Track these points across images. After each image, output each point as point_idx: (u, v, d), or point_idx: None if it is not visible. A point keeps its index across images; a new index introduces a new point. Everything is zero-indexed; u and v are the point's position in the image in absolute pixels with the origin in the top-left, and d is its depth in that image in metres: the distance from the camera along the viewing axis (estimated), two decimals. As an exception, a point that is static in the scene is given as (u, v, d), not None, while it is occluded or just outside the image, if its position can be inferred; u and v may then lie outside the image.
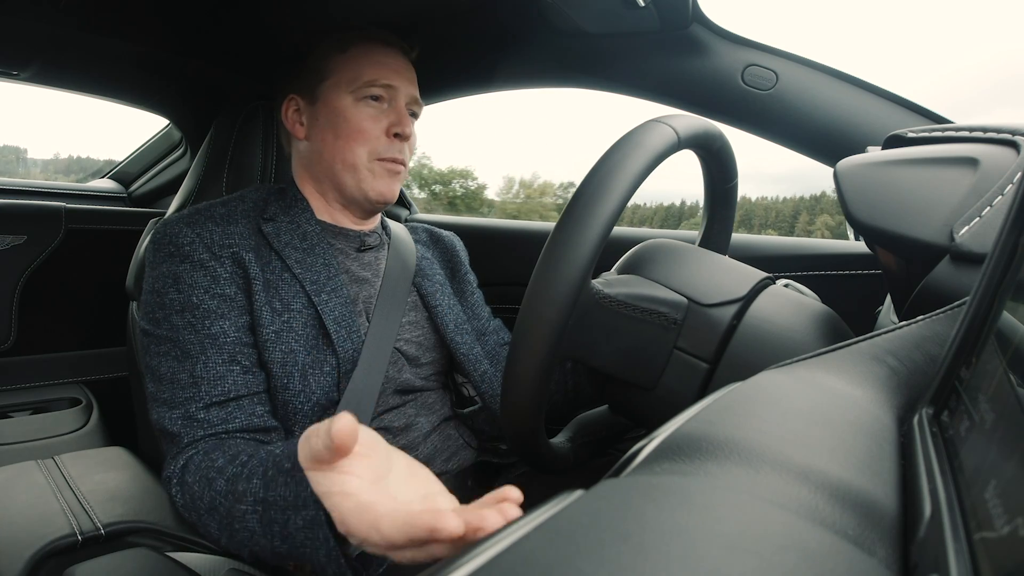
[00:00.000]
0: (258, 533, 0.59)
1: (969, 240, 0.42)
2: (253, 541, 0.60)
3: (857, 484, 0.20)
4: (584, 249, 0.48)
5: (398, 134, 0.83)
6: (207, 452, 0.67)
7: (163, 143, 1.62)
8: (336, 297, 0.78)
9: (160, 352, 0.72)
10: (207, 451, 0.67)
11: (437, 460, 0.84)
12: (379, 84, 0.82)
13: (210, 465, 0.65)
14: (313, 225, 0.83)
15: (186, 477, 0.67)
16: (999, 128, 0.51)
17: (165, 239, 0.75)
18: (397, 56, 0.86)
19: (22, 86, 1.29)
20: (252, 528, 0.60)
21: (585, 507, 0.17)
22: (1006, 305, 0.22)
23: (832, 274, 1.05)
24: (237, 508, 0.60)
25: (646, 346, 0.58)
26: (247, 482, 0.61)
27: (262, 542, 0.59)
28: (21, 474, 0.75)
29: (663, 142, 0.53)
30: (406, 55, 0.88)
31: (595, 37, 1.03)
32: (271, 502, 0.58)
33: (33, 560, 0.59)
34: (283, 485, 0.58)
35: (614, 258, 0.67)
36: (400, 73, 0.85)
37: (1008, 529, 0.14)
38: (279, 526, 0.57)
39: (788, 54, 0.97)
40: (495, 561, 0.15)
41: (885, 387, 0.29)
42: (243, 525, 0.60)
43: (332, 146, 0.83)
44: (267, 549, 0.60)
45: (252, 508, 0.59)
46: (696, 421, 0.24)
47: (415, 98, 0.87)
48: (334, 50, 0.84)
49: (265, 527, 0.59)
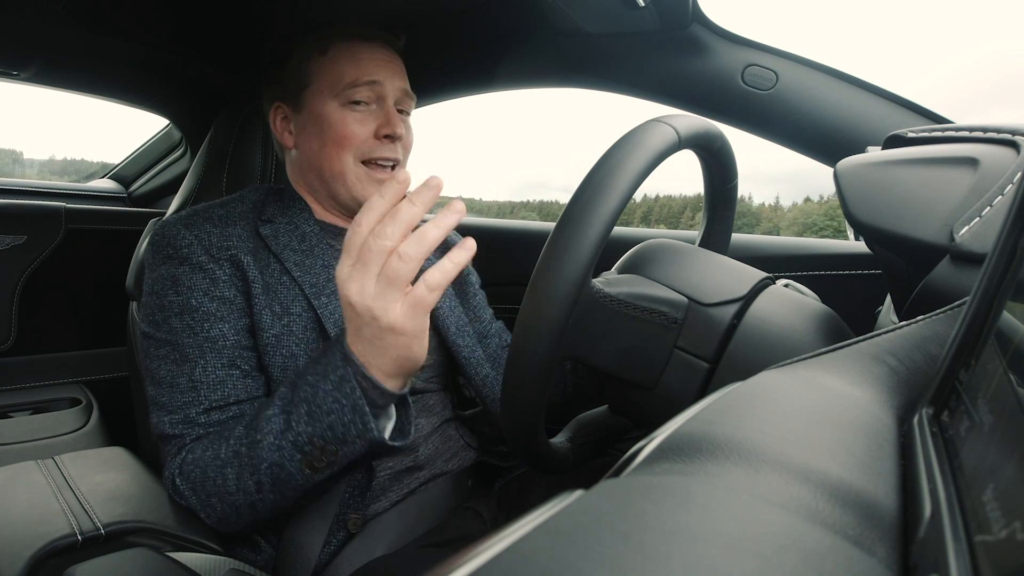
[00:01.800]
0: (281, 431, 0.62)
1: (969, 240, 0.42)
2: (273, 447, 0.62)
3: (857, 484, 0.20)
4: (585, 248, 0.48)
5: (388, 135, 0.79)
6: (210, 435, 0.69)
7: (163, 143, 1.62)
8: (336, 299, 0.77)
9: (160, 355, 0.72)
10: (210, 435, 0.69)
11: (437, 461, 0.84)
12: (363, 83, 0.79)
13: (220, 432, 0.68)
14: (312, 226, 0.82)
15: (188, 457, 0.68)
16: (999, 128, 0.51)
17: (163, 241, 0.75)
18: (380, 49, 0.82)
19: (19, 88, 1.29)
20: (276, 429, 0.62)
21: (585, 507, 0.17)
22: (1006, 305, 0.22)
23: (832, 274, 1.05)
24: (262, 421, 0.63)
25: (646, 345, 0.58)
26: (271, 401, 0.65)
27: (283, 442, 0.62)
28: (21, 474, 0.75)
29: (663, 142, 0.53)
30: (391, 46, 0.84)
31: (595, 37, 1.03)
32: (299, 386, 0.62)
33: (33, 560, 0.59)
34: (313, 365, 0.63)
35: (614, 257, 0.67)
36: (384, 66, 0.81)
37: (1008, 530, 0.14)
38: (306, 405, 0.61)
39: (788, 54, 0.97)
40: (495, 561, 0.15)
41: (885, 387, 0.29)
42: (266, 434, 0.62)
43: (319, 154, 0.80)
44: (287, 447, 0.62)
45: (279, 410, 0.63)
46: (696, 421, 0.24)
47: (405, 91, 0.83)
48: (314, 53, 0.81)
49: (289, 418, 0.62)
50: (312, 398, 0.61)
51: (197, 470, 0.67)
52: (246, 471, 0.64)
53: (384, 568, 0.70)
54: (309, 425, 0.61)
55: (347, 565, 0.72)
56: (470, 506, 0.84)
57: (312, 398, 0.61)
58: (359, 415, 0.60)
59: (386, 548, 0.74)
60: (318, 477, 0.63)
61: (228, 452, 0.65)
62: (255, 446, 0.63)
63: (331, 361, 0.61)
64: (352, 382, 0.59)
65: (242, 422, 0.67)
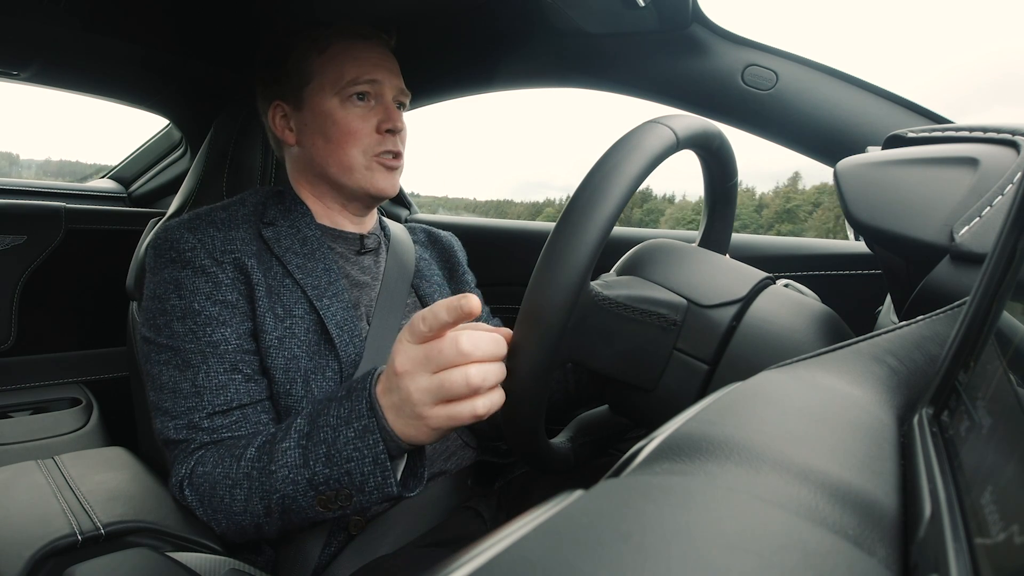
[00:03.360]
0: (297, 465, 0.61)
1: (969, 240, 0.42)
2: (288, 480, 0.61)
3: (857, 484, 0.20)
4: (583, 251, 0.48)
5: (389, 129, 0.82)
6: (220, 447, 0.68)
7: (163, 143, 1.62)
8: (338, 302, 0.78)
9: (161, 361, 0.72)
10: (220, 448, 0.68)
11: (437, 460, 0.84)
12: (363, 81, 0.81)
13: (234, 445, 0.67)
14: (313, 230, 0.83)
15: (199, 469, 0.67)
16: (999, 128, 0.51)
17: (166, 244, 0.75)
18: (377, 48, 0.85)
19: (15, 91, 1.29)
20: (292, 463, 0.61)
21: (585, 507, 0.17)
22: (1006, 305, 0.22)
23: (832, 274, 1.05)
24: (277, 452, 0.62)
25: (646, 347, 0.58)
26: (286, 430, 0.63)
27: (298, 477, 0.61)
28: (21, 474, 0.75)
29: (662, 143, 0.53)
30: (385, 46, 0.87)
31: (595, 37, 1.03)
32: (320, 426, 0.61)
33: (33, 560, 0.59)
34: (336, 406, 0.61)
35: (613, 259, 0.67)
36: (383, 66, 0.83)
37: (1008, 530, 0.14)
38: (325, 447, 0.60)
39: (788, 54, 0.97)
40: (495, 561, 0.15)
41: (885, 387, 0.29)
42: (280, 466, 0.61)
43: (324, 150, 0.82)
44: (302, 483, 0.61)
45: (295, 444, 0.62)
46: (696, 421, 0.24)
47: (401, 89, 0.86)
48: (312, 51, 0.82)
49: (307, 456, 0.61)
50: (333, 441, 0.60)
51: (207, 484, 0.67)
52: (256, 495, 0.63)
53: (384, 568, 0.70)
54: (327, 467, 0.60)
55: (347, 565, 0.72)
56: (470, 506, 0.84)
57: (333, 441, 0.60)
58: (379, 468, 0.59)
59: (386, 548, 0.74)
60: (329, 515, 0.63)
61: (239, 473, 0.64)
62: (268, 475, 0.62)
63: (356, 408, 0.59)
64: (376, 435, 0.58)
65: (253, 441, 0.66)
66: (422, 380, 0.54)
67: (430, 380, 0.54)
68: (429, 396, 0.54)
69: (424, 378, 0.54)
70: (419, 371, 0.54)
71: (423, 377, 0.54)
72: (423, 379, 0.54)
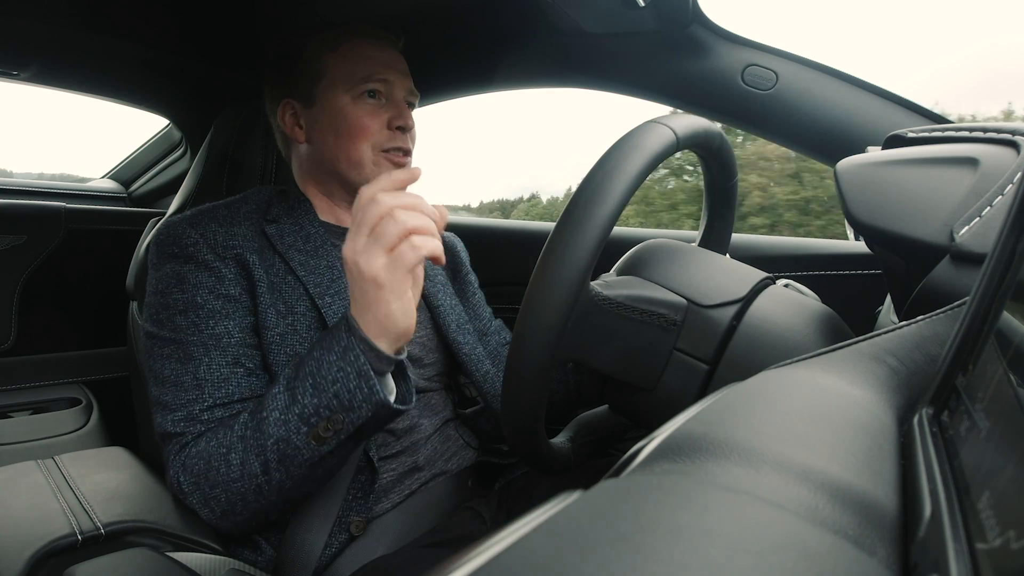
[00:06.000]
0: (286, 405, 0.64)
1: (969, 240, 0.42)
2: (279, 423, 0.63)
3: (857, 484, 0.20)
4: (583, 252, 0.48)
5: (400, 127, 0.82)
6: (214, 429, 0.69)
7: (163, 143, 1.62)
8: (340, 299, 0.78)
9: (163, 354, 0.72)
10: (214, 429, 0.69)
11: (438, 461, 0.84)
12: (376, 79, 0.82)
13: (223, 423, 0.69)
14: (316, 227, 0.83)
15: (192, 451, 0.68)
16: (999, 128, 0.51)
17: (168, 240, 0.75)
18: (387, 49, 0.85)
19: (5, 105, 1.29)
20: (281, 405, 0.64)
21: (585, 507, 0.17)
22: (1006, 305, 0.22)
23: (832, 274, 1.05)
24: (266, 400, 0.65)
25: (645, 348, 0.58)
26: (274, 383, 0.67)
27: (289, 416, 0.63)
28: (21, 474, 0.75)
29: (661, 143, 0.53)
30: (394, 47, 0.87)
31: (595, 37, 1.03)
32: (304, 364, 0.65)
33: (33, 560, 0.59)
34: (317, 346, 0.65)
35: (613, 259, 0.67)
36: (393, 67, 0.84)
37: (1008, 530, 0.14)
38: (311, 379, 0.63)
39: (788, 54, 0.97)
40: (495, 561, 0.15)
41: (885, 387, 0.29)
42: (271, 411, 0.64)
43: (335, 146, 0.82)
44: (293, 420, 0.63)
45: (283, 388, 0.65)
46: (696, 421, 0.24)
47: (411, 89, 0.86)
48: (325, 49, 0.83)
49: (294, 393, 0.64)
50: (317, 370, 0.63)
51: (200, 462, 0.67)
52: (251, 452, 0.64)
53: (384, 568, 0.70)
54: (315, 396, 0.63)
55: (347, 565, 0.72)
56: (470, 506, 0.84)
57: (317, 370, 0.63)
58: (364, 380, 0.62)
59: (386, 548, 0.74)
60: (324, 449, 0.64)
61: (232, 437, 0.66)
62: (260, 424, 0.64)
63: (335, 334, 0.63)
64: (356, 350, 0.62)
65: (245, 411, 0.68)
66: (360, 243, 0.60)
67: (367, 239, 0.60)
68: (372, 254, 0.59)
69: (362, 241, 0.60)
70: (358, 242, 0.60)
71: (361, 241, 0.60)
72: (361, 242, 0.60)
